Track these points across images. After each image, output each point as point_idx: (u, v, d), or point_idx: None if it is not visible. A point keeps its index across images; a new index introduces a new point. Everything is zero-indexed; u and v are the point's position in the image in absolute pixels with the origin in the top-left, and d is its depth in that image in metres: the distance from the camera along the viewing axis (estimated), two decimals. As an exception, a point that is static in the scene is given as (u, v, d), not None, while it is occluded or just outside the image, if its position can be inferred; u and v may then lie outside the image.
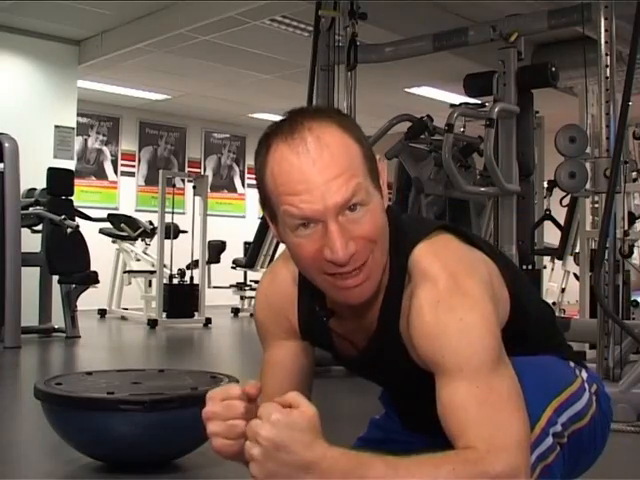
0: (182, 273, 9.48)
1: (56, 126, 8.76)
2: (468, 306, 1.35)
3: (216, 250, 10.76)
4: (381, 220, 1.39)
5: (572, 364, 1.69)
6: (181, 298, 9.28)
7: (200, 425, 2.77)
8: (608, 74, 4.18)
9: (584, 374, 1.69)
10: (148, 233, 10.10)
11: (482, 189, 5.61)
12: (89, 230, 8.44)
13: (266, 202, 1.42)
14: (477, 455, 1.25)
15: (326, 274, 1.38)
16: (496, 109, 5.10)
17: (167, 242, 9.29)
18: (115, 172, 12.23)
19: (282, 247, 1.45)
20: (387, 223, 1.42)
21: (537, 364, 1.53)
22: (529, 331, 1.61)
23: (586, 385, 1.66)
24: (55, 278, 7.60)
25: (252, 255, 10.86)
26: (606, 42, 4.21)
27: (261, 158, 1.41)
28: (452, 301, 1.35)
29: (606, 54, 4.19)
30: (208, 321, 9.24)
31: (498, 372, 1.33)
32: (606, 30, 4.21)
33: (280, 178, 1.35)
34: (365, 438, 1.91)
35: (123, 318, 10.11)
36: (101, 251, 9.08)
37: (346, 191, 1.32)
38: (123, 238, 10.17)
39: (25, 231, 7.23)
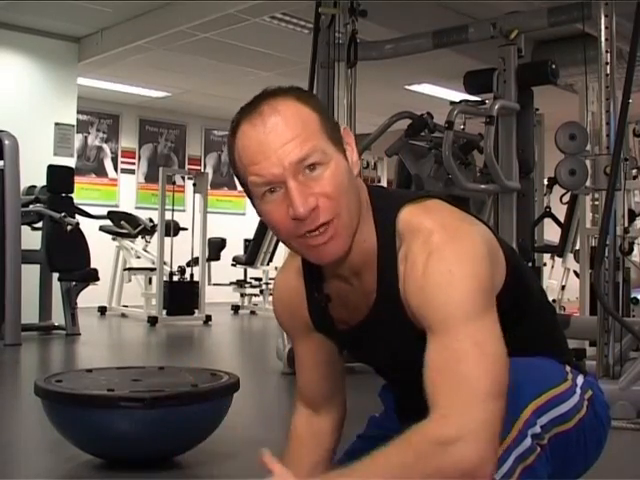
0: (182, 270, 9.48)
1: (56, 123, 8.76)
2: (459, 257, 1.37)
3: (216, 247, 10.76)
4: (344, 181, 1.44)
5: (567, 368, 1.67)
6: (181, 295, 9.28)
7: (200, 422, 2.81)
8: (608, 71, 4.17)
9: (579, 379, 1.67)
10: (148, 230, 10.10)
11: (482, 186, 5.60)
12: (89, 227, 8.45)
13: (240, 180, 1.49)
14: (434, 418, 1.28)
15: (298, 237, 1.44)
16: (496, 106, 5.09)
17: (167, 239, 9.29)
18: (115, 169, 12.23)
19: (282, 244, 1.46)
20: (357, 188, 1.48)
21: (523, 362, 1.49)
22: (528, 311, 1.60)
23: (577, 389, 1.63)
24: (55, 275, 7.61)
25: (252, 252, 10.86)
26: (606, 39, 4.21)
27: (230, 141, 1.51)
28: (444, 252, 1.37)
29: (606, 51, 4.19)
30: (208, 318, 9.24)
31: (483, 329, 1.34)
32: (606, 27, 4.21)
33: (243, 152, 1.45)
34: (363, 436, 1.93)
35: (123, 315, 10.12)
36: (101, 248, 9.09)
37: (300, 151, 1.39)
38: (123, 235, 10.17)
39: (25, 228, 7.23)
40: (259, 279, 11.23)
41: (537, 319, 1.66)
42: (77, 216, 7.80)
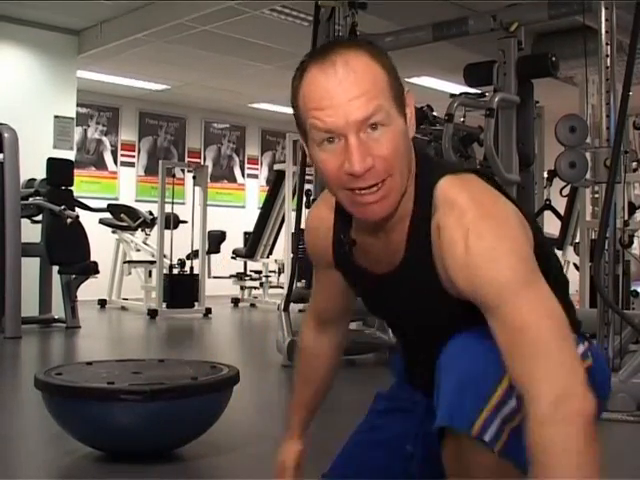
0: (182, 263, 9.48)
1: (56, 116, 8.75)
2: (498, 234, 1.42)
3: (216, 240, 10.76)
4: (401, 144, 1.49)
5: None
6: (181, 288, 9.28)
7: (200, 415, 2.80)
8: (608, 64, 4.17)
9: (580, 348, 1.71)
10: (148, 223, 10.10)
11: (482, 179, 5.60)
12: (89, 220, 8.45)
13: (298, 122, 1.54)
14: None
15: (347, 189, 1.48)
16: (496, 99, 5.09)
17: (167, 232, 9.29)
18: (115, 162, 12.22)
19: (282, 237, 1.54)
20: (410, 151, 1.54)
21: None
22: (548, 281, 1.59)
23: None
24: (55, 268, 7.61)
25: (252, 245, 10.87)
26: (606, 32, 4.20)
27: (295, 82, 1.52)
28: (482, 230, 1.42)
29: (606, 44, 4.19)
30: (208, 311, 9.25)
31: (537, 292, 1.40)
32: (606, 20, 4.21)
33: (309, 96, 1.47)
34: (371, 409, 2.02)
35: (123, 308, 10.12)
36: (101, 241, 9.09)
37: (366, 109, 1.42)
38: (123, 228, 10.17)
39: (25, 221, 7.23)
40: (259, 272, 11.23)
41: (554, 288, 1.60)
42: (77, 209, 7.80)
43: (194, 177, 9.86)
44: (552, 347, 1.35)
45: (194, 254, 9.66)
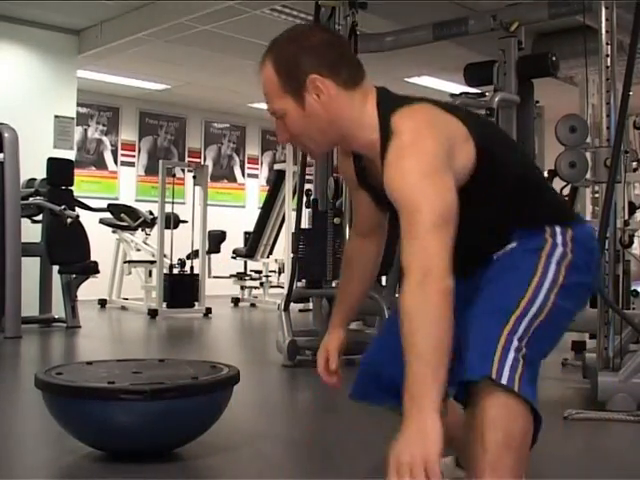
0: (182, 263, 9.49)
1: (56, 116, 8.75)
2: (412, 152, 1.82)
3: (216, 240, 10.76)
4: (299, 120, 2.04)
5: (547, 229, 2.02)
6: (181, 288, 9.28)
7: (200, 415, 2.81)
8: (609, 63, 4.17)
9: (557, 229, 2.02)
10: (148, 223, 10.10)
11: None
12: (89, 220, 8.45)
13: None
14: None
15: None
16: (496, 99, 5.09)
17: (167, 232, 9.29)
18: (115, 162, 12.22)
19: (282, 237, 1.86)
20: (323, 115, 2.01)
21: (493, 287, 1.96)
22: (503, 180, 2.01)
23: (558, 240, 2.01)
24: (55, 268, 7.61)
25: (252, 245, 10.87)
26: (607, 31, 4.20)
27: None
28: (407, 152, 1.83)
29: (607, 43, 4.18)
30: (208, 311, 9.25)
31: (428, 186, 1.79)
32: (607, 19, 4.20)
33: None
34: (383, 333, 2.46)
35: (123, 308, 10.12)
36: (101, 241, 9.09)
37: (270, 108, 2.11)
38: (123, 228, 10.17)
39: (25, 221, 7.23)
40: (259, 272, 11.23)
41: (518, 192, 2.04)
42: (77, 209, 7.80)
43: (194, 177, 9.85)
44: (427, 234, 1.74)
45: (194, 254, 9.66)
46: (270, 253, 11.07)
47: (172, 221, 9.38)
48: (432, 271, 1.71)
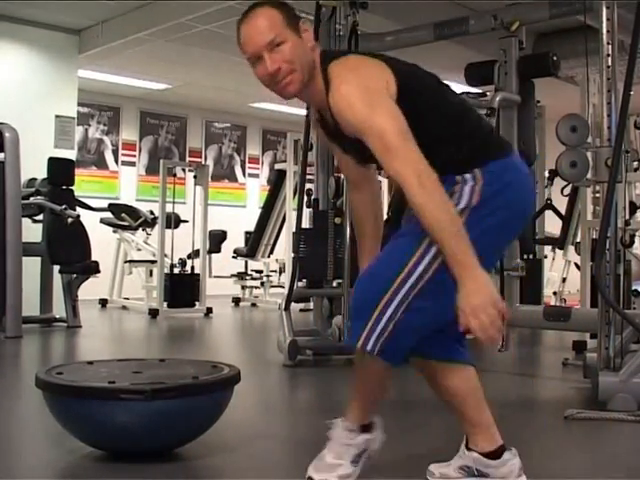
0: (183, 263, 9.49)
1: (57, 116, 8.76)
2: (350, 85, 2.29)
3: (217, 240, 10.76)
4: (298, 51, 2.39)
5: (457, 178, 2.35)
6: (182, 288, 9.28)
7: (201, 414, 2.80)
8: (610, 63, 4.17)
9: (467, 176, 2.35)
10: (149, 223, 10.10)
11: (483, 179, 5.59)
12: (90, 220, 8.45)
13: (243, 54, 2.44)
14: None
15: (274, 84, 2.42)
16: (497, 98, 5.09)
17: (168, 232, 9.29)
18: (116, 162, 12.23)
19: (283, 236, 1.92)
20: (308, 56, 2.41)
21: (385, 250, 2.45)
22: (425, 119, 2.37)
23: (466, 187, 2.34)
24: (56, 268, 7.62)
25: (253, 244, 10.87)
26: (608, 31, 4.20)
27: (237, 31, 2.45)
28: (343, 85, 2.30)
29: (608, 43, 4.18)
30: (209, 311, 9.26)
31: (378, 110, 2.24)
32: (608, 19, 4.20)
33: (242, 39, 2.43)
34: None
35: (124, 308, 10.13)
36: (102, 241, 9.10)
37: (268, 36, 2.37)
38: (124, 228, 10.17)
39: (26, 221, 7.23)
40: (260, 271, 11.23)
41: (437, 130, 2.41)
42: (78, 208, 7.80)
43: (195, 176, 9.86)
44: (401, 149, 2.20)
45: (195, 253, 9.66)
46: (271, 253, 11.07)
47: (173, 221, 9.38)
48: (422, 171, 2.18)
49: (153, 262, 9.85)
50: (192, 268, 9.54)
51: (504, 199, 2.36)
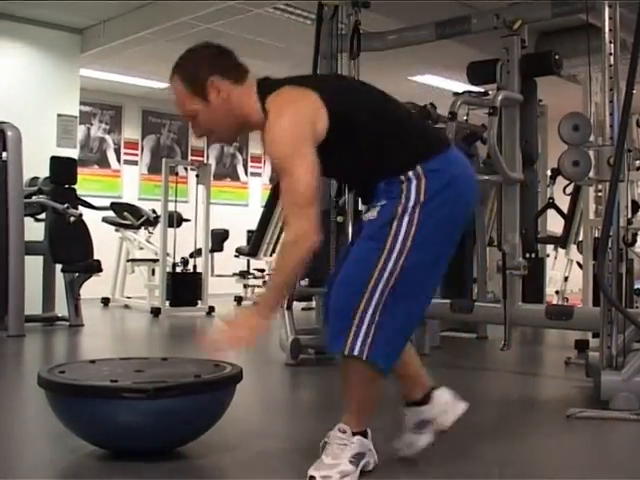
0: (185, 262, 9.49)
1: (59, 115, 8.76)
2: (280, 128, 2.46)
3: (219, 238, 10.77)
4: (209, 116, 2.61)
5: (401, 180, 2.55)
6: (184, 286, 9.29)
7: (203, 413, 2.81)
8: (612, 62, 4.16)
9: (411, 175, 2.55)
10: (151, 221, 10.11)
11: (485, 177, 5.59)
12: (92, 219, 8.45)
13: None
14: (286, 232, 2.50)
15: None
16: (499, 97, 5.08)
17: (170, 230, 9.30)
18: (118, 161, 12.23)
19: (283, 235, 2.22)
20: (227, 109, 2.60)
21: (349, 261, 2.64)
22: (360, 133, 2.57)
23: (411, 197, 2.53)
24: (58, 267, 7.62)
25: (255, 243, 10.85)
26: (610, 30, 4.19)
27: None
28: (271, 126, 2.48)
29: (610, 42, 4.18)
30: (211, 309, 9.26)
31: (296, 163, 2.43)
32: (610, 18, 4.20)
33: None
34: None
35: (126, 307, 10.13)
36: (104, 240, 9.10)
37: (182, 112, 2.66)
38: (126, 227, 10.17)
39: (28, 220, 7.23)
40: (262, 270, 11.23)
41: (375, 138, 2.59)
42: (80, 207, 7.80)
43: (197, 175, 9.86)
44: (297, 207, 2.44)
45: (197, 252, 9.67)
46: (273, 251, 11.04)
47: (175, 220, 9.39)
48: (304, 234, 2.44)
49: (155, 261, 9.85)
50: (194, 267, 9.54)
51: (450, 192, 2.57)
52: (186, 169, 11.67)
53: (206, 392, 2.88)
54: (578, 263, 8.42)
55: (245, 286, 11.35)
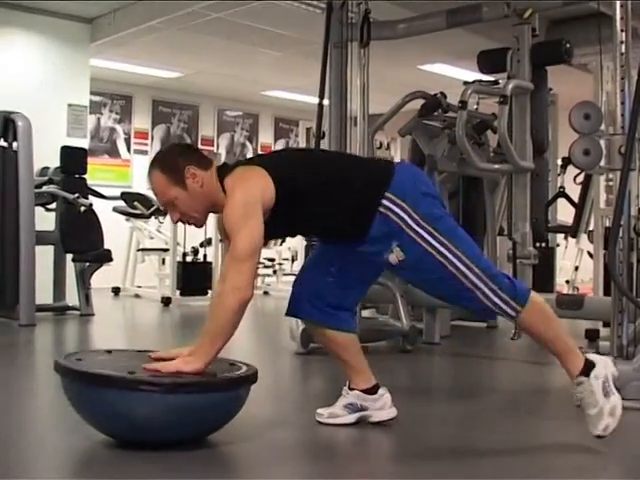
0: (195, 251, 9.50)
1: (69, 105, 8.77)
2: (234, 200, 2.86)
3: (229, 228, 10.74)
4: (186, 201, 2.99)
5: (383, 212, 2.94)
6: (194, 276, 9.30)
7: (217, 411, 2.82)
8: (623, 50, 4.14)
9: (394, 208, 2.94)
10: (161, 211, 10.09)
11: (496, 166, 5.59)
12: (102, 208, 8.45)
13: None
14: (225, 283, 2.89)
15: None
16: (510, 86, 5.07)
17: (180, 220, 9.28)
18: (128, 150, 12.24)
19: None
20: (198, 196, 2.99)
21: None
22: (311, 196, 2.99)
23: (404, 216, 2.91)
24: (69, 256, 7.63)
25: (265, 233, 10.84)
26: (621, 18, 4.17)
27: None
28: (228, 200, 2.88)
29: (621, 30, 4.16)
30: (221, 299, 9.24)
31: (245, 226, 2.82)
32: (621, 6, 4.18)
33: None
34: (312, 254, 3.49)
35: (137, 296, 10.15)
36: (114, 229, 9.10)
37: (162, 201, 3.05)
38: (136, 216, 10.17)
39: (39, 210, 7.25)
40: (272, 259, 11.24)
41: (332, 197, 3.01)
42: (90, 197, 7.81)
43: (207, 165, 9.84)
44: (236, 262, 2.83)
45: (207, 242, 9.68)
46: (283, 241, 11.07)
47: (185, 209, 9.37)
48: (241, 288, 2.83)
49: (165, 250, 9.87)
50: (204, 256, 9.55)
51: (422, 193, 2.99)
52: (196, 158, 11.65)
53: (222, 390, 2.89)
54: (589, 252, 8.42)
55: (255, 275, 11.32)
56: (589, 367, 2.96)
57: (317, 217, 3.07)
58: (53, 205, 7.64)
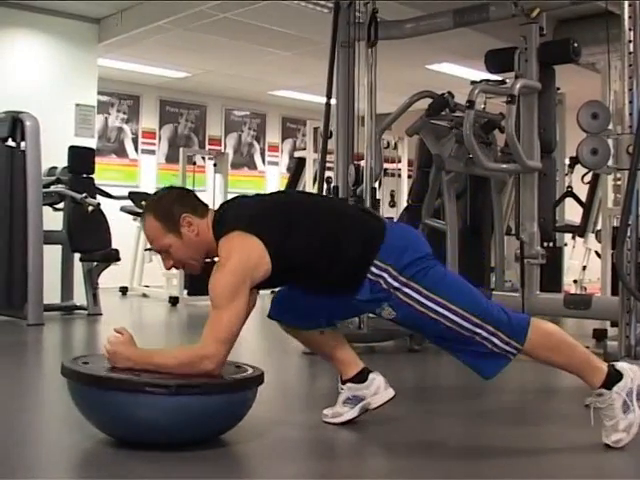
0: (203, 251, 9.48)
1: (77, 104, 8.79)
2: (224, 272, 2.82)
3: (236, 228, 10.74)
4: (180, 249, 2.98)
5: (372, 279, 2.90)
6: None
7: (222, 414, 2.81)
8: (631, 49, 4.14)
9: (381, 274, 2.89)
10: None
11: (503, 166, 5.58)
12: (110, 208, 8.46)
13: None
14: (197, 346, 2.80)
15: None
16: (517, 85, 5.06)
17: (188, 220, 9.29)
18: (136, 150, 12.25)
19: None
20: (193, 244, 2.99)
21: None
22: (305, 266, 2.99)
23: (390, 280, 2.87)
24: (77, 256, 7.64)
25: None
26: (629, 17, 4.17)
27: None
28: (219, 269, 2.85)
29: (629, 29, 4.16)
30: (229, 298, 9.24)
31: (230, 306, 2.78)
32: (630, 5, 4.17)
33: None
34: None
35: (144, 296, 10.16)
36: (122, 229, 9.10)
37: (155, 246, 3.02)
38: (144, 216, 10.17)
39: (47, 209, 7.26)
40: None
41: (324, 265, 2.97)
42: (98, 197, 7.83)
43: (215, 164, 9.88)
44: (214, 338, 2.76)
45: (215, 241, 9.66)
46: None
47: (193, 209, 9.38)
48: (207, 361, 2.73)
49: (173, 250, 9.86)
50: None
51: (411, 259, 2.90)
52: (203, 158, 11.66)
53: (228, 393, 2.88)
54: (596, 252, 8.40)
55: (262, 275, 11.33)
56: (613, 379, 2.90)
57: (307, 280, 3.10)
58: (61, 205, 7.65)
